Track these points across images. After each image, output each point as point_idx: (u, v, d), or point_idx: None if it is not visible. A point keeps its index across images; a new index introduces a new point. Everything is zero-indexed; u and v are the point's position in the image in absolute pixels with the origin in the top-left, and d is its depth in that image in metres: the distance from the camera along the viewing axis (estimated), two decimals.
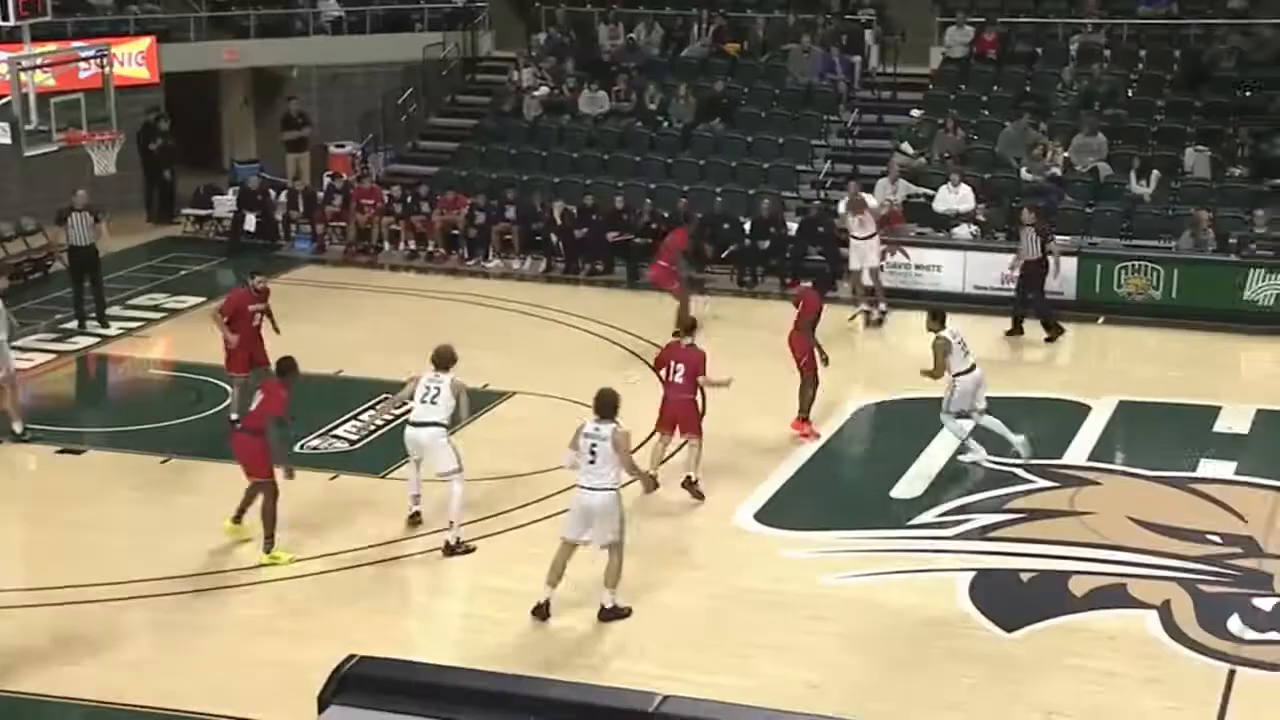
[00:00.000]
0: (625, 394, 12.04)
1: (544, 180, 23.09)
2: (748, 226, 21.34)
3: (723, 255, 21.08)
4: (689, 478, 14.06)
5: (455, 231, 22.40)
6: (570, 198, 22.11)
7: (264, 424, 12.66)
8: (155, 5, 25.17)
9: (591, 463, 11.56)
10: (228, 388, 16.50)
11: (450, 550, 12.86)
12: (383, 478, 14.44)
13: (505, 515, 13.59)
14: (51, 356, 18.03)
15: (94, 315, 18.87)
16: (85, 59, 17.49)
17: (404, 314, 19.92)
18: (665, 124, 24.12)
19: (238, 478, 12.87)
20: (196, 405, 16.22)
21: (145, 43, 23.71)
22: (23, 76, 16.08)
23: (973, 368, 14.68)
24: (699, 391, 14.25)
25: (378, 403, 15.80)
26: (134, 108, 22.31)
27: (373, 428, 15.71)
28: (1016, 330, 18.88)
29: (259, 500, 12.77)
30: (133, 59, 23.12)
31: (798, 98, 24.33)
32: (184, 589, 12.28)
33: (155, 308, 19.92)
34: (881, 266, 19.55)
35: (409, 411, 13.25)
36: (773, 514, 13.87)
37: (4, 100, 16.41)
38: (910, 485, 14.49)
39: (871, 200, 19.74)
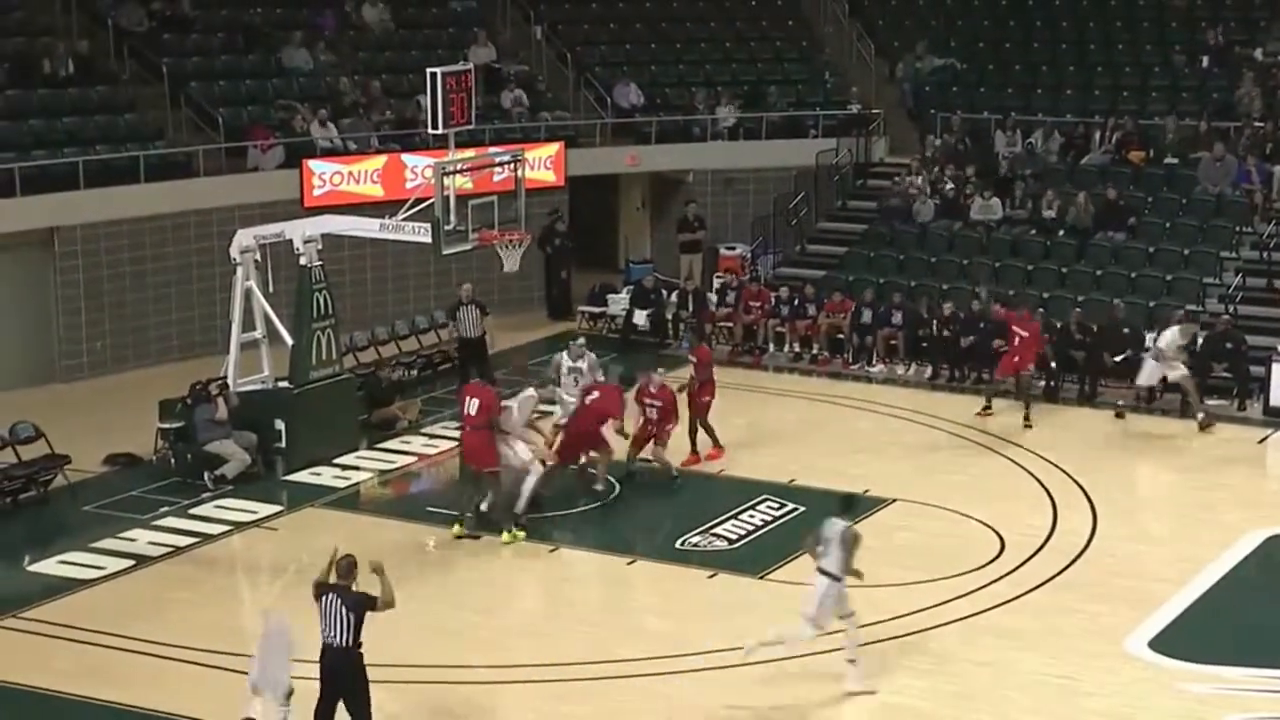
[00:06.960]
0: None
1: (932, 286, 22.78)
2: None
3: (1115, 360, 20.24)
4: None
5: (840, 335, 22.34)
6: (958, 304, 21.70)
7: None
8: (565, 112, 26.45)
9: None
10: (611, 478, 16.89)
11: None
12: (760, 578, 14.38)
13: (884, 625, 13.28)
14: (450, 444, 18.74)
15: None
16: (500, 164, 18.42)
17: (787, 415, 19.92)
18: (1061, 232, 23.44)
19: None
20: (584, 497, 16.61)
21: (554, 148, 24.88)
22: (445, 180, 17.13)
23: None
24: None
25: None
26: (539, 209, 23.39)
27: (751, 528, 15.73)
28: None
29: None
30: (542, 163, 24.26)
31: (1207, 208, 23.19)
32: (564, 677, 12.49)
33: (548, 401, 20.60)
34: None
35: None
36: (1171, 643, 13.05)
37: (427, 203, 17.50)
38: None
39: None
